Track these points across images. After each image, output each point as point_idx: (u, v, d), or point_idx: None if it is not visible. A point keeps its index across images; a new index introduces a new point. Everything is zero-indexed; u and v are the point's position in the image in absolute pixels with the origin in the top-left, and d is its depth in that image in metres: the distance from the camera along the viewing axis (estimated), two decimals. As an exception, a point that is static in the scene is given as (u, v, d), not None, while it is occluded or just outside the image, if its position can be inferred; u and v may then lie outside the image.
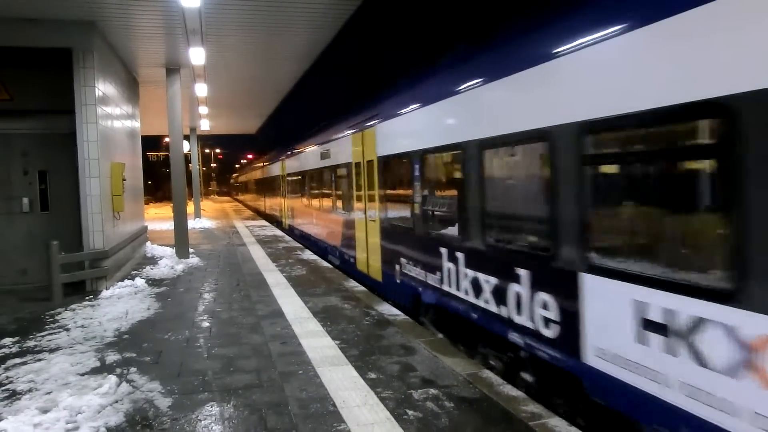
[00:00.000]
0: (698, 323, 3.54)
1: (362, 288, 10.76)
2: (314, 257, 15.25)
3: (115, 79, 13.37)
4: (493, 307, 6.16)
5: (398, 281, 9.33)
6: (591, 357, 4.58)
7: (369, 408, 5.05)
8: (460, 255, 6.93)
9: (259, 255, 16.08)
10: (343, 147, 12.96)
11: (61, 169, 11.75)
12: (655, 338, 3.90)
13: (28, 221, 11.88)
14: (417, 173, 8.29)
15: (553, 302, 5.09)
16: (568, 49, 4.80)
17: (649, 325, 3.95)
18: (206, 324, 8.39)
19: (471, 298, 6.67)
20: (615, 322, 4.28)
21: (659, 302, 3.85)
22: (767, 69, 3.07)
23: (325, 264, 13.96)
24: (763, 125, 3.13)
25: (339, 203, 13.98)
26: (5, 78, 11.64)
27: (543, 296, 5.24)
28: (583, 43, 4.60)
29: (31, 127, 11.81)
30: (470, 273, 6.67)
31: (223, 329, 8.04)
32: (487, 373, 5.88)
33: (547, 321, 5.19)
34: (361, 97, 13.94)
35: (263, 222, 30.03)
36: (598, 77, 4.47)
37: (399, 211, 9.32)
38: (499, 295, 6.02)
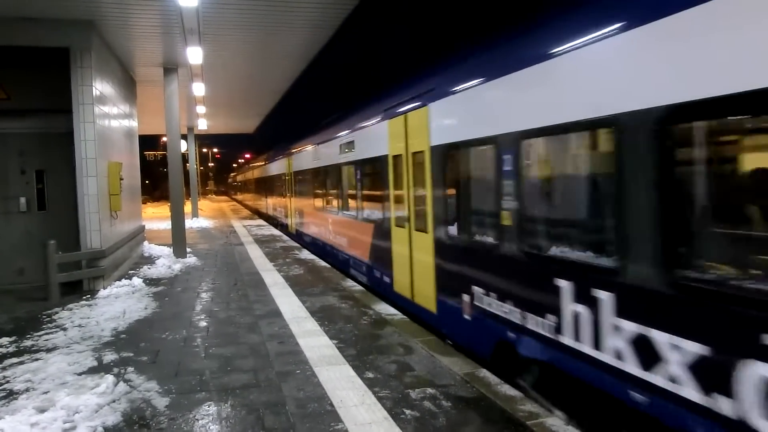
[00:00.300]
0: None
1: (359, 287, 10.75)
2: (312, 257, 15.25)
3: (113, 79, 13.35)
4: (683, 390, 3.63)
5: (468, 317, 6.69)
6: None
7: (366, 407, 5.05)
8: (605, 296, 4.33)
9: (256, 254, 16.07)
10: (373, 137, 10.36)
11: (59, 169, 11.73)
12: None
13: (25, 221, 11.86)
14: (511, 166, 5.59)
15: None
16: None
17: None
18: (204, 323, 8.39)
19: (629, 367, 4.09)
20: None
21: None
22: None
23: (323, 264, 13.96)
24: None
25: (366, 206, 11.31)
26: (2, 77, 11.62)
27: None
28: None
29: (28, 126, 11.80)
30: (627, 326, 4.11)
31: (221, 329, 8.04)
32: (485, 373, 5.89)
33: None
34: (362, 95, 13.79)
35: (261, 222, 30.00)
36: None
37: (474, 221, 6.78)
38: (699, 373, 3.53)
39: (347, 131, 12.33)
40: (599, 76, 4.42)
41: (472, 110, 6.60)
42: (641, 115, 3.94)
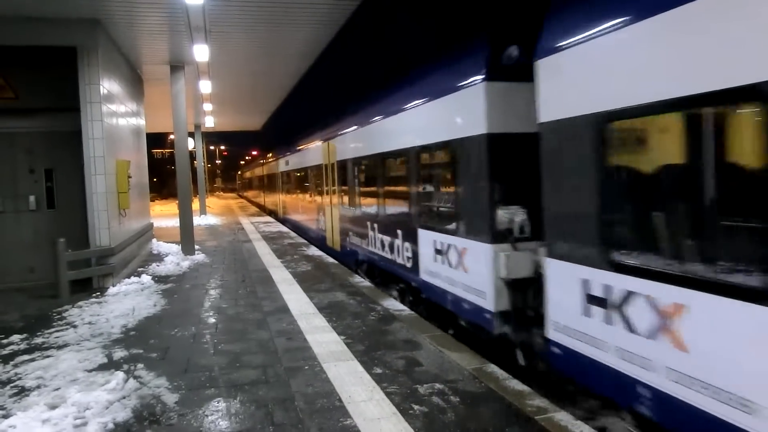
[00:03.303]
0: None
1: (367, 283, 10.79)
2: (319, 253, 15.25)
3: (120, 77, 13.40)
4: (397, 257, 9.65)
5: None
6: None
7: (375, 403, 5.06)
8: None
9: (264, 251, 16.12)
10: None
11: (67, 167, 11.80)
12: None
13: (35, 219, 11.95)
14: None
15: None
16: None
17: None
18: (212, 320, 8.42)
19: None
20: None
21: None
22: None
23: (330, 260, 13.98)
24: None
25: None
26: (11, 77, 11.69)
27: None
28: None
29: (36, 125, 11.87)
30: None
31: (229, 325, 8.08)
32: (493, 368, 5.88)
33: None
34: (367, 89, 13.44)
35: (268, 218, 30.06)
36: None
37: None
38: None
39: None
40: None
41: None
42: None
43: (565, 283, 4.97)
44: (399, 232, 9.49)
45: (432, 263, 8.09)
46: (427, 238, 8.26)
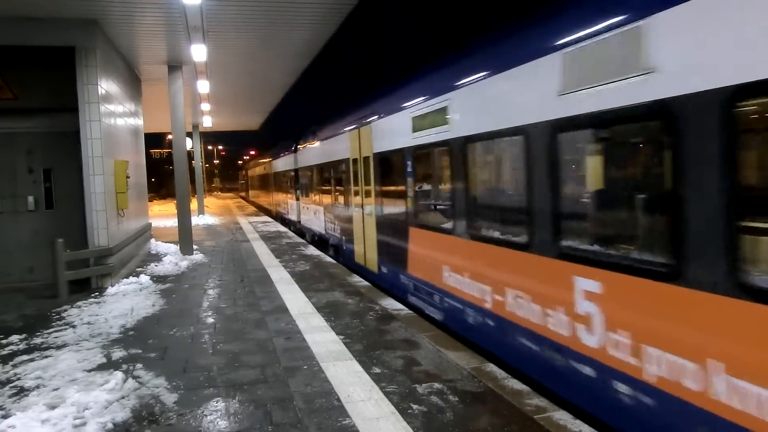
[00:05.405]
0: None
1: (366, 283, 10.80)
2: (317, 252, 15.27)
3: (118, 77, 13.39)
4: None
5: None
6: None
7: (374, 402, 5.07)
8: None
9: (262, 251, 16.12)
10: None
11: (66, 167, 11.79)
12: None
13: (34, 219, 11.94)
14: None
15: None
16: None
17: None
18: (211, 320, 8.43)
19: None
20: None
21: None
22: None
23: (329, 259, 13.99)
24: None
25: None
26: (9, 77, 11.67)
27: None
28: None
29: (35, 125, 11.86)
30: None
31: (228, 325, 8.08)
32: (492, 367, 5.89)
33: None
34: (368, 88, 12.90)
35: (266, 218, 30.03)
36: None
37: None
38: None
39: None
40: None
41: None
42: None
43: None
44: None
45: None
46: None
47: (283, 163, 26.09)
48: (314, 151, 17.55)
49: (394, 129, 9.48)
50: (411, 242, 9.01)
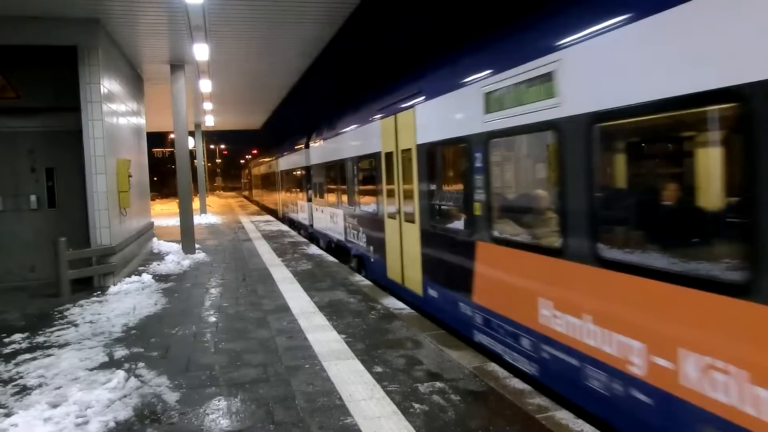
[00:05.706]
0: None
1: (368, 282, 10.80)
2: (319, 252, 15.26)
3: (120, 76, 13.41)
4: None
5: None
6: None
7: (375, 401, 5.07)
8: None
9: (264, 250, 16.13)
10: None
11: (68, 166, 11.82)
12: None
13: (36, 218, 11.97)
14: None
15: None
16: None
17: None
18: (213, 319, 8.44)
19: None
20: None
21: None
22: None
23: (331, 259, 13.99)
24: None
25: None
26: (12, 76, 11.69)
27: None
28: None
29: (37, 124, 11.88)
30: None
31: (230, 324, 8.09)
32: (493, 366, 5.89)
33: None
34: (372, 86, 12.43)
35: (268, 217, 30.05)
36: None
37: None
38: None
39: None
40: None
41: None
42: None
43: None
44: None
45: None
46: None
47: (293, 160, 23.13)
48: (332, 146, 14.93)
49: (453, 111, 7.27)
50: (481, 262, 6.69)
